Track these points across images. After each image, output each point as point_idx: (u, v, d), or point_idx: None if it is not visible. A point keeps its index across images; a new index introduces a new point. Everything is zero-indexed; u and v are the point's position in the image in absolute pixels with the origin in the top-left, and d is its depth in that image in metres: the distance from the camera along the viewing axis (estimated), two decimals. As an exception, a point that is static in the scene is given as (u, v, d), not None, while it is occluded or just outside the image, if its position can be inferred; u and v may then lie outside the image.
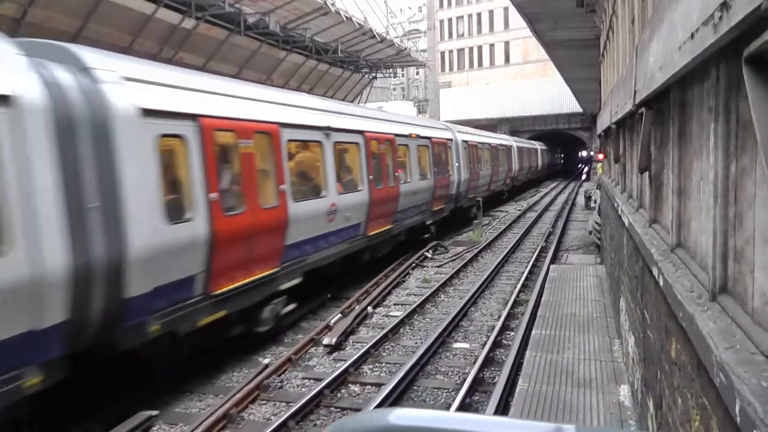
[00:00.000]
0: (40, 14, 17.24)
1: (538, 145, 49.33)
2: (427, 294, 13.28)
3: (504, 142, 36.56)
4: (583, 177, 64.56)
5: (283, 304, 10.39)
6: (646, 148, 4.51)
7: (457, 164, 22.90)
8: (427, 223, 19.67)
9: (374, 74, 41.58)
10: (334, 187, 12.26)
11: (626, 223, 6.06)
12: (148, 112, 7.15)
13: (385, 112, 19.18)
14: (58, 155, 5.87)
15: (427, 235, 19.90)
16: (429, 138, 19.68)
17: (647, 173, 4.78)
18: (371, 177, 14.09)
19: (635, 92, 4.80)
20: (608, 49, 13.39)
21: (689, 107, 3.43)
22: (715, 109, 2.62)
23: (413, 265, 16.95)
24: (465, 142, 24.89)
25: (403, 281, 15.32)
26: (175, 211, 7.67)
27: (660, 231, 4.43)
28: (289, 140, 10.65)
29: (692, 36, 2.48)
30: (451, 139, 22.73)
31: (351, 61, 36.15)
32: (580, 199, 36.03)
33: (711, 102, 2.68)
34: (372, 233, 14.41)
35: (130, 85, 7.09)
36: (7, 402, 5.53)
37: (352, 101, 39.19)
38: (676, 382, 3.25)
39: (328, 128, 12.15)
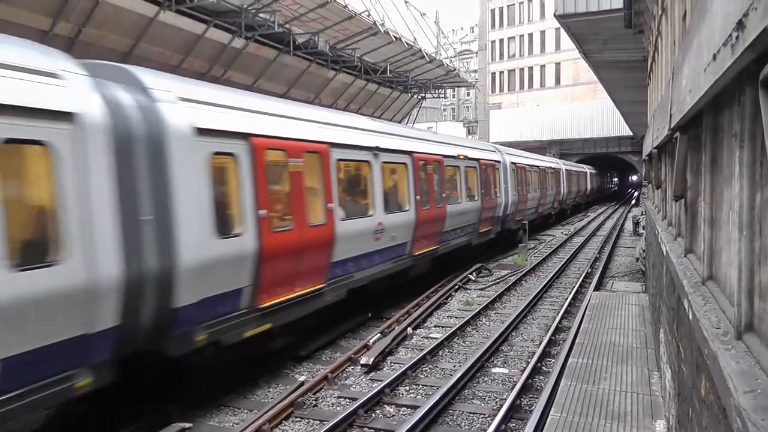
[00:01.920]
0: (93, 34, 17.89)
1: (587, 169, 48.51)
2: (469, 317, 13.10)
3: (552, 165, 36.04)
4: (633, 202, 63.74)
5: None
6: (681, 174, 4.35)
7: (504, 186, 22.82)
8: (473, 244, 19.57)
9: (423, 95, 41.58)
10: (381, 206, 12.42)
11: (664, 252, 5.86)
12: (202, 131, 7.55)
13: (433, 133, 19.10)
14: (116, 170, 6.27)
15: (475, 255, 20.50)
16: (477, 159, 19.57)
17: (683, 201, 4.60)
18: (418, 197, 14.14)
19: (671, 116, 4.65)
20: (654, 71, 13.11)
21: (720, 132, 3.30)
22: (740, 135, 2.51)
23: (456, 287, 16.78)
24: (513, 164, 24.70)
25: (445, 303, 15.16)
26: (225, 226, 7.97)
27: (694, 261, 4.25)
28: (338, 159, 10.86)
29: (714, 57, 2.38)
30: (499, 161, 22.59)
31: (400, 81, 36.23)
32: (629, 225, 35.12)
33: (736, 127, 2.56)
34: (417, 253, 14.45)
35: (185, 105, 7.48)
36: (58, 401, 5.82)
37: (400, 121, 39.30)
38: (705, 423, 3.09)
39: (377, 148, 12.40)
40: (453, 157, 17.45)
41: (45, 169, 5.66)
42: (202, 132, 7.52)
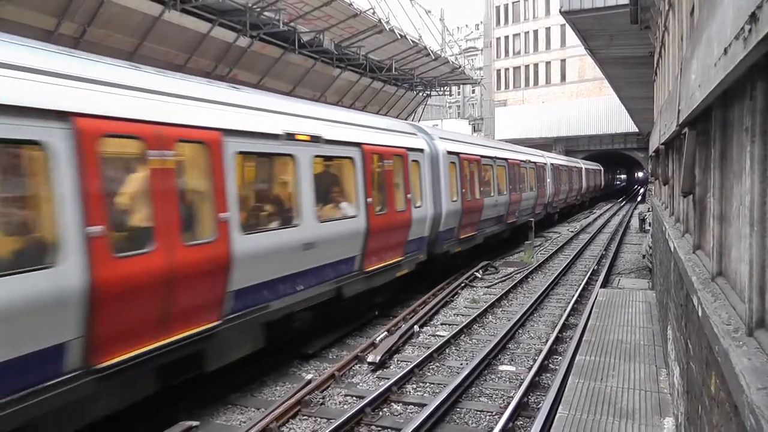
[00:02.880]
0: (98, 33, 17.95)
1: (582, 164, 47.03)
2: (475, 314, 13.07)
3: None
4: (639, 198, 63.33)
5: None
6: (689, 170, 4.31)
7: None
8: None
9: (428, 92, 41.62)
10: (497, 191, 19.41)
11: (672, 248, 5.81)
12: (448, 153, 15.76)
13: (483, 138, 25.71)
14: (430, 171, 14.58)
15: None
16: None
17: (691, 197, 4.56)
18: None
19: (679, 112, 4.61)
20: (660, 67, 12.99)
21: (730, 128, 3.26)
22: (751, 129, 2.48)
23: (463, 284, 16.77)
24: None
25: (452, 301, 15.14)
26: (451, 196, 14.72)
27: (703, 258, 4.21)
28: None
29: (725, 51, 2.35)
30: (420, 149, 23.88)
31: (405, 78, 36.30)
32: (635, 222, 34.92)
33: (747, 122, 2.53)
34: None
35: (441, 140, 16.34)
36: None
37: (405, 119, 39.24)
38: (715, 420, 3.06)
39: (495, 157, 20.13)
40: (491, 158, 20.87)
41: (417, 171, 13.91)
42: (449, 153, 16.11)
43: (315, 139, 9.87)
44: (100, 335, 5.96)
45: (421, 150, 14.51)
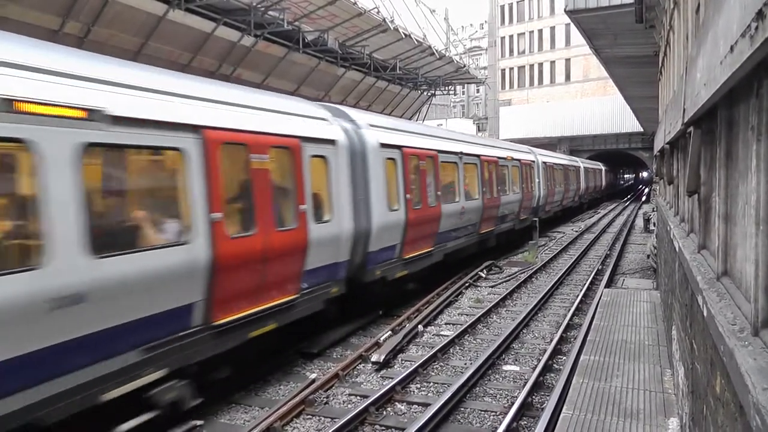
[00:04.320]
0: (103, 33, 17.97)
1: (581, 162, 45.72)
2: (479, 314, 13.03)
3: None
4: (643, 198, 62.94)
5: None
6: (694, 169, 4.28)
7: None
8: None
9: (433, 91, 41.52)
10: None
11: (677, 248, 5.78)
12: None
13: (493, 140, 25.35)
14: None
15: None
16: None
17: (696, 196, 4.54)
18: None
19: (684, 110, 4.59)
20: (665, 66, 12.91)
21: (735, 126, 3.24)
22: (757, 128, 2.46)
23: (467, 284, 16.74)
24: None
25: (456, 300, 15.11)
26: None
27: (708, 257, 4.18)
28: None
29: (732, 49, 2.34)
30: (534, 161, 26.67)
31: (409, 78, 36.21)
32: (639, 221, 34.73)
33: (753, 120, 2.52)
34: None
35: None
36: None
37: (410, 118, 39.18)
38: (720, 420, 3.05)
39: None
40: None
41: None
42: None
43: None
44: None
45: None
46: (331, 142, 10.45)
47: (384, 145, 12.34)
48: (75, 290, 5.60)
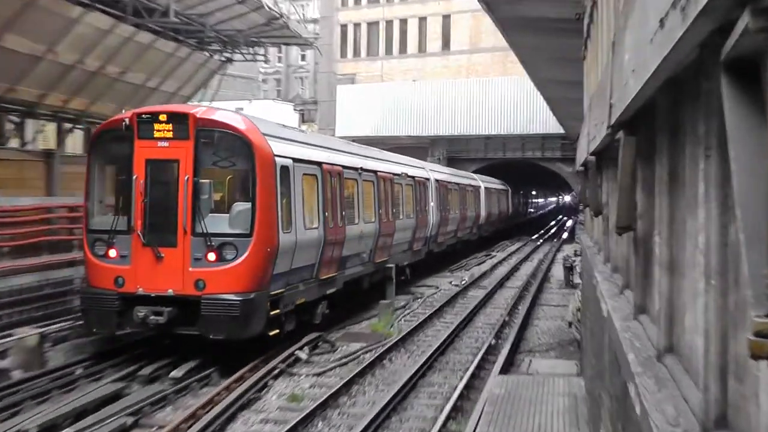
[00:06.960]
0: None
1: (481, 181, 34.93)
2: (295, 421, 8.84)
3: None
4: (564, 235, 48.54)
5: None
6: (627, 194, 3.32)
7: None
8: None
9: (229, 55, 26.50)
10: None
11: (605, 312, 4.44)
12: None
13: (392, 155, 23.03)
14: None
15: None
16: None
17: (631, 234, 3.65)
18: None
19: (611, 107, 3.52)
20: (592, 38, 9.95)
21: (681, 135, 2.50)
22: (705, 138, 1.72)
23: (277, 370, 11.52)
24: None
25: (258, 398, 10.38)
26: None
27: (648, 326, 3.29)
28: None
29: (662, 24, 1.64)
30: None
31: (192, 30, 22.74)
32: (558, 270, 25.98)
33: (701, 128, 1.77)
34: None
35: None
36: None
37: (192, 94, 26.23)
38: None
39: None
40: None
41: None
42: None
43: None
44: (322, 263, 13.79)
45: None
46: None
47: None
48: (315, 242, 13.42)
